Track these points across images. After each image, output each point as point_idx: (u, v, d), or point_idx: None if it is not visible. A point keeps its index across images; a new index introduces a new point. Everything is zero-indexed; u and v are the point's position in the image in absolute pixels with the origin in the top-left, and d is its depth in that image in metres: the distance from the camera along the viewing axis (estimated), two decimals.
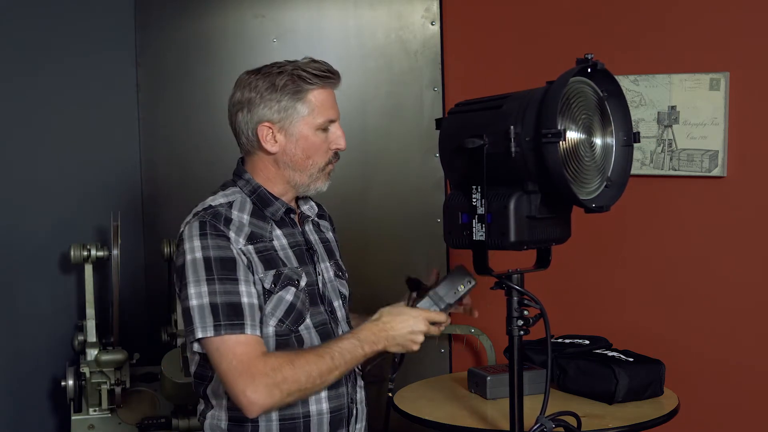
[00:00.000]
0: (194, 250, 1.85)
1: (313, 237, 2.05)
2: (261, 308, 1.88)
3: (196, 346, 1.84)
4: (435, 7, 3.30)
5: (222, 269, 1.83)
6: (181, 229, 1.91)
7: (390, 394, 2.22)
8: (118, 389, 2.87)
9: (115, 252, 2.96)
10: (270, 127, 1.94)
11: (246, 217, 1.93)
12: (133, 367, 3.02)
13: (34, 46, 3.23)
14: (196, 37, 3.33)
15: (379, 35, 3.34)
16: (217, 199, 1.95)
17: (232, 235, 1.87)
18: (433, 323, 1.90)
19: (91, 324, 3.03)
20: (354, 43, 3.34)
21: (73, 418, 2.95)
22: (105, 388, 2.89)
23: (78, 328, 3.19)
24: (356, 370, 2.01)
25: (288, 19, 3.33)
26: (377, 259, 3.34)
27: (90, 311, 3.04)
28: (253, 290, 1.86)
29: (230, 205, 1.93)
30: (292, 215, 2.01)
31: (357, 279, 2.35)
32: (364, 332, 1.85)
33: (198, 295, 1.82)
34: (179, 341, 3.02)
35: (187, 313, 1.83)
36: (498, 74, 3.16)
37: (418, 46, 3.32)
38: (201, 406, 2.00)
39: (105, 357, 2.88)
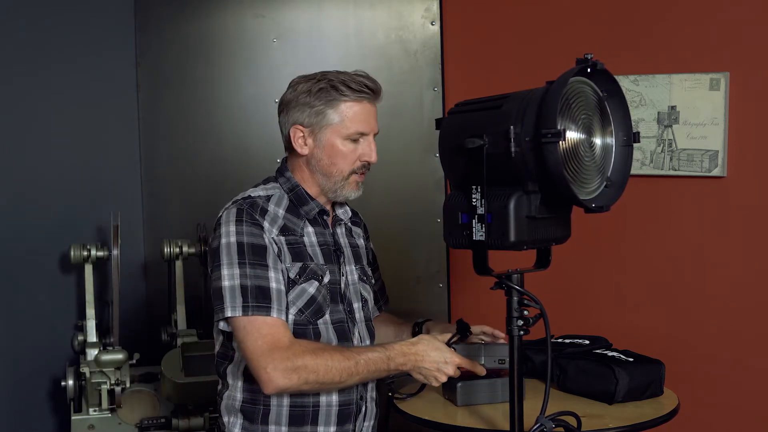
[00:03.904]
0: (229, 234, 1.93)
1: (343, 240, 2.13)
2: (289, 290, 1.95)
3: (222, 325, 1.93)
4: (435, 7, 3.30)
5: (253, 255, 1.91)
6: (220, 214, 1.99)
7: (390, 394, 2.23)
8: (118, 389, 2.87)
9: (115, 252, 2.97)
10: (301, 130, 2.02)
11: (281, 212, 2.01)
12: (133, 367, 3.02)
13: (35, 46, 3.23)
14: (196, 37, 3.34)
15: (379, 35, 3.34)
16: (257, 192, 2.04)
17: (266, 224, 1.96)
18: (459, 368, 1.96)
19: (91, 324, 3.03)
20: (354, 43, 3.34)
21: (73, 418, 2.95)
22: (105, 388, 2.89)
23: (78, 328, 3.19)
24: None
25: (288, 19, 3.33)
26: (377, 258, 3.34)
27: (90, 311, 3.04)
28: (281, 277, 1.94)
29: (268, 198, 2.02)
30: (325, 217, 2.09)
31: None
32: (395, 351, 1.92)
33: (230, 276, 1.90)
34: (179, 341, 3.02)
35: (218, 292, 1.91)
36: (498, 74, 3.15)
37: (418, 46, 3.32)
38: (219, 386, 2.08)
39: (105, 357, 2.88)
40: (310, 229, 2.04)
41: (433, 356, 1.92)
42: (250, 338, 1.87)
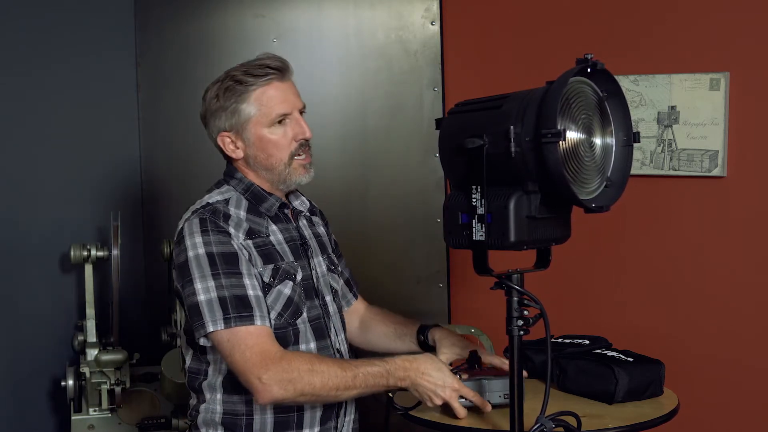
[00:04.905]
0: (196, 246, 1.87)
1: (307, 232, 2.08)
2: (265, 294, 1.91)
3: (203, 341, 1.87)
4: (435, 7, 3.30)
5: (226, 264, 1.86)
6: (180, 226, 1.94)
7: (390, 394, 2.22)
8: (118, 389, 2.87)
9: (115, 252, 2.97)
10: (227, 136, 1.98)
11: (243, 214, 1.96)
12: (133, 367, 3.02)
13: (35, 46, 3.23)
14: (196, 37, 3.33)
15: (379, 35, 3.34)
16: (214, 197, 1.99)
17: (231, 230, 1.90)
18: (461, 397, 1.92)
19: (91, 324, 3.03)
20: (354, 43, 3.34)
21: (73, 418, 2.95)
22: (105, 388, 2.89)
23: (78, 328, 3.19)
24: None
25: (288, 19, 3.33)
26: (377, 259, 3.34)
27: (90, 311, 3.04)
28: (256, 283, 1.88)
29: (227, 202, 1.97)
30: (286, 210, 2.04)
31: (357, 279, 2.36)
32: (396, 365, 1.86)
33: (205, 290, 1.84)
34: (179, 341, 3.02)
35: (195, 308, 1.85)
36: (498, 74, 3.15)
37: (418, 46, 3.32)
38: (193, 401, 2.02)
39: (105, 357, 2.88)
40: (274, 227, 1.99)
41: (434, 376, 1.87)
42: (237, 351, 1.81)
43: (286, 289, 1.93)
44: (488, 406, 1.96)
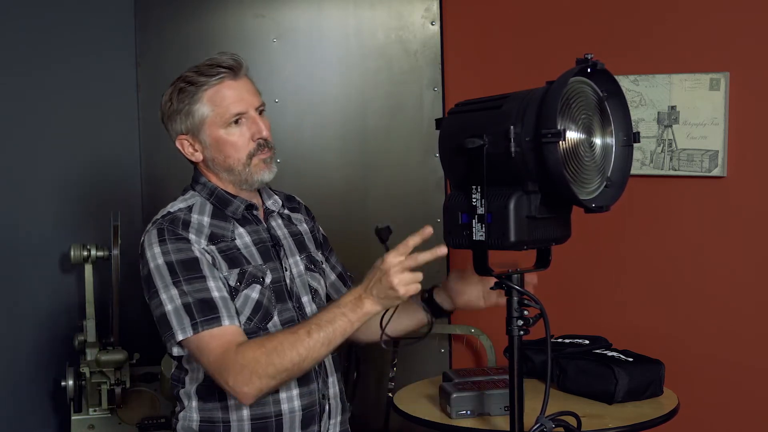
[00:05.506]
0: (156, 257, 1.85)
1: (281, 232, 2.03)
2: (232, 299, 1.87)
3: (176, 350, 1.86)
4: (435, 7, 3.30)
5: (186, 270, 1.83)
6: (142, 239, 1.91)
7: (390, 394, 2.22)
8: (118, 389, 2.88)
9: (115, 252, 2.97)
10: (185, 139, 1.95)
11: (206, 219, 1.92)
12: (133, 367, 3.02)
13: (35, 46, 3.23)
14: (196, 37, 3.34)
15: (379, 35, 3.34)
16: (177, 205, 1.95)
17: (192, 236, 1.87)
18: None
19: (91, 324, 3.03)
20: (354, 43, 3.34)
21: (73, 418, 2.95)
22: (105, 388, 2.89)
23: (78, 328, 3.19)
24: (327, 366, 2.00)
25: (288, 19, 3.33)
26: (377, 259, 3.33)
27: (90, 311, 3.04)
28: (221, 284, 1.85)
29: (190, 209, 1.93)
30: (255, 212, 1.99)
31: (357, 279, 2.36)
32: (344, 300, 1.79)
33: (170, 299, 1.82)
34: None
35: (163, 319, 1.84)
36: (498, 74, 3.16)
37: (418, 46, 3.32)
38: (176, 408, 2.02)
39: (105, 357, 2.88)
40: (241, 230, 1.94)
41: (378, 275, 1.80)
42: (204, 357, 1.80)
43: (254, 293, 1.89)
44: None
